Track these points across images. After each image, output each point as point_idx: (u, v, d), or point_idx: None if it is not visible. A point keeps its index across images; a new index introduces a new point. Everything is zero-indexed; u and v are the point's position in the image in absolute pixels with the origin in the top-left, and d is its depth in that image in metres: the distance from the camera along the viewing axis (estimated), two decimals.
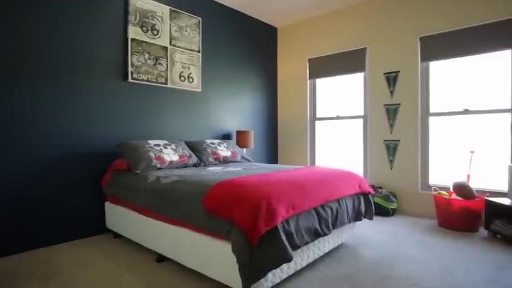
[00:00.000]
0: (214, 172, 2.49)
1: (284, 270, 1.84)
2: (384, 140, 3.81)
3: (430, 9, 3.45)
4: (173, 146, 2.92)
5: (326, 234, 2.01)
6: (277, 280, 1.79)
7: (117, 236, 2.79)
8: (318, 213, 1.98)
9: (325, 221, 2.02)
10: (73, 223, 2.73)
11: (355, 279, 1.99)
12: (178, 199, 2.01)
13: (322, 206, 2.04)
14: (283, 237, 1.63)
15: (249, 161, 3.57)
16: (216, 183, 1.89)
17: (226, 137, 4.13)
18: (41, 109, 2.54)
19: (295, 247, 1.74)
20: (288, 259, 1.60)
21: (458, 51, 3.30)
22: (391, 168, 3.75)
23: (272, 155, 4.86)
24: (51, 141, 2.60)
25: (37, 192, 2.53)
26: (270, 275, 1.72)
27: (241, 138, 3.96)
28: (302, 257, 2.00)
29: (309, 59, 4.55)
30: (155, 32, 3.28)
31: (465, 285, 1.90)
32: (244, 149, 4.09)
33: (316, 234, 1.94)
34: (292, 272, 1.92)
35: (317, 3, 4.04)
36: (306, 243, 1.86)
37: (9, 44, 2.38)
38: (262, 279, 1.66)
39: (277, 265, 1.59)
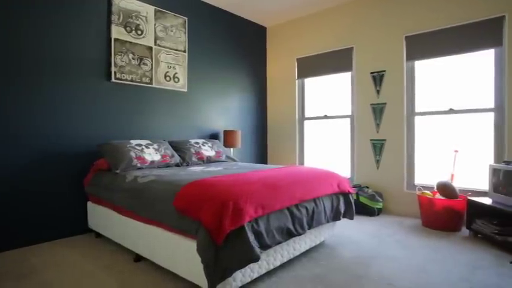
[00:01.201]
0: (193, 172, 2.49)
1: (255, 270, 1.84)
2: (371, 140, 3.80)
3: (416, 9, 3.44)
4: (155, 146, 2.92)
5: (300, 234, 2.01)
6: (247, 279, 1.79)
7: (98, 235, 2.80)
8: (291, 213, 1.98)
9: (300, 220, 2.02)
10: (55, 223, 2.74)
11: (329, 279, 1.98)
12: (153, 199, 2.02)
13: (297, 206, 2.04)
14: (251, 237, 1.63)
15: (234, 160, 3.56)
16: (187, 183, 1.89)
17: (213, 136, 4.12)
18: (22, 109, 2.54)
19: (265, 247, 1.74)
20: (255, 259, 1.60)
21: (443, 51, 3.29)
22: (378, 168, 3.75)
23: (261, 155, 4.86)
24: (33, 141, 2.60)
25: (19, 191, 2.54)
26: (239, 274, 1.72)
27: (228, 138, 3.96)
28: (275, 257, 2.00)
29: (297, 59, 4.54)
30: (139, 32, 3.28)
31: (438, 285, 1.90)
32: (232, 149, 4.08)
33: (290, 234, 1.94)
34: (264, 271, 1.92)
35: (306, 2, 4.04)
36: (279, 243, 1.87)
37: None
38: (230, 279, 1.66)
39: (243, 265, 1.59)
